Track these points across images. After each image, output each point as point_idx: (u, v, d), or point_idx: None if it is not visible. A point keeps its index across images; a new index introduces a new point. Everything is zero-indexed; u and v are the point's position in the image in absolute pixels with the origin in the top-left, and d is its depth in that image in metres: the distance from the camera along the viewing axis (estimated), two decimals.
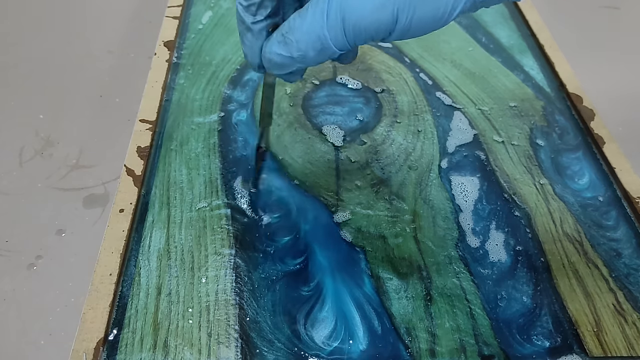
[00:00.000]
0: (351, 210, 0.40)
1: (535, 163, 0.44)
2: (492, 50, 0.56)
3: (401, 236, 0.38)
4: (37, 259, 0.44)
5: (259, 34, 0.28)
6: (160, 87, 0.49)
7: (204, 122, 0.46)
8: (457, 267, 0.37)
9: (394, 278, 0.36)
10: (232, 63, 0.53)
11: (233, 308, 0.34)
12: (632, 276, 0.37)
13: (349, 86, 0.51)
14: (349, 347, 0.32)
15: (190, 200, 0.40)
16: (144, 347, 0.32)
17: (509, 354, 0.33)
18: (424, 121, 0.48)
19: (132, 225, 0.38)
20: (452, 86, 0.51)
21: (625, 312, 0.35)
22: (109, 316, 0.33)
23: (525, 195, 0.42)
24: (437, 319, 0.34)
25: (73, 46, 0.66)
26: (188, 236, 0.38)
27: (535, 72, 0.53)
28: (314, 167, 0.43)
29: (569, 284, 0.36)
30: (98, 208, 0.48)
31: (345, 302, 0.34)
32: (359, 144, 0.45)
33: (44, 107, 0.57)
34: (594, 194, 0.42)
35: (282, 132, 0.46)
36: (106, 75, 0.61)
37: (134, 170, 0.41)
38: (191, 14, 0.59)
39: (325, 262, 0.37)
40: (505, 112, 0.49)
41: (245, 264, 0.36)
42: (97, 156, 0.52)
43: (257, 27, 0.28)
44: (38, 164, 0.51)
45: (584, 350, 0.33)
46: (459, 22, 0.60)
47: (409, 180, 0.42)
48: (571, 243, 0.39)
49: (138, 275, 0.36)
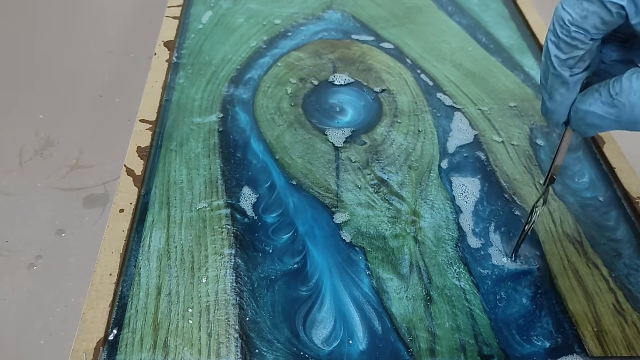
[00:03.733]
0: (351, 210, 0.40)
1: (535, 163, 0.44)
2: (492, 50, 0.56)
3: (401, 236, 0.38)
4: (37, 259, 0.44)
5: (574, 88, 0.27)
6: (160, 87, 0.49)
7: (204, 122, 0.46)
8: (457, 267, 0.37)
9: (394, 278, 0.36)
10: (232, 63, 0.53)
11: (233, 308, 0.34)
12: (632, 276, 0.37)
13: (349, 86, 0.51)
14: (348, 347, 0.32)
15: (190, 200, 0.40)
16: (144, 347, 0.32)
17: (509, 354, 0.33)
18: (424, 121, 0.48)
19: (132, 225, 0.38)
20: (452, 86, 0.51)
21: (625, 312, 0.35)
22: (109, 316, 0.33)
23: (525, 195, 0.42)
24: (437, 319, 0.34)
25: (73, 46, 0.66)
26: (188, 236, 0.38)
27: (535, 72, 0.53)
28: (314, 167, 0.43)
29: (569, 284, 0.36)
30: (98, 208, 0.48)
31: (344, 302, 0.34)
32: (359, 144, 0.45)
33: (44, 107, 0.57)
34: (594, 194, 0.42)
35: (282, 132, 0.46)
36: (106, 75, 0.61)
37: (134, 170, 0.41)
38: (191, 14, 0.59)
39: (325, 263, 0.37)
40: (505, 112, 0.49)
41: (245, 264, 0.36)
42: (97, 156, 0.52)
43: (574, 80, 0.26)
44: (38, 164, 0.51)
45: (584, 350, 0.33)
46: (459, 22, 0.60)
47: (409, 180, 0.42)
48: (571, 243, 0.39)
49: (138, 275, 0.36)
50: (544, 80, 0.27)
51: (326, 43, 0.56)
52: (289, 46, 0.55)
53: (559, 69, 0.26)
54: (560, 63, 0.26)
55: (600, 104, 0.25)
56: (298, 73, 0.52)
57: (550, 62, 0.26)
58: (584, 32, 0.25)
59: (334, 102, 0.49)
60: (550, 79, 0.27)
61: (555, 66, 0.26)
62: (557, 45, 0.26)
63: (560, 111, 0.28)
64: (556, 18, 0.25)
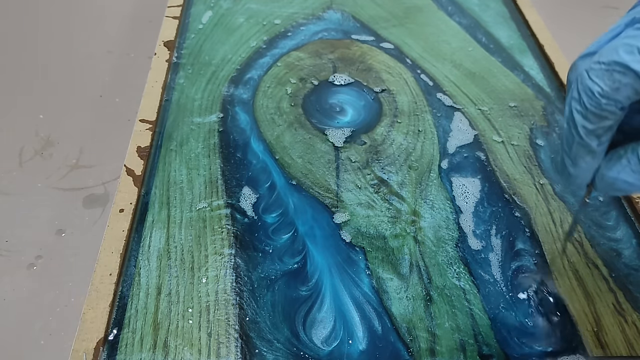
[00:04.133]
0: (351, 210, 0.40)
1: (535, 163, 0.44)
2: (492, 50, 0.56)
3: (401, 236, 0.38)
4: (37, 259, 0.44)
5: (601, 156, 0.26)
6: (160, 87, 0.49)
7: (204, 122, 0.46)
8: (457, 267, 0.37)
9: (394, 278, 0.36)
10: (232, 63, 0.53)
11: (233, 308, 0.34)
12: (632, 276, 0.37)
13: (349, 86, 0.51)
14: (348, 347, 0.32)
15: (190, 200, 0.40)
16: (144, 347, 0.32)
17: (509, 354, 0.33)
18: (424, 121, 0.48)
19: (132, 225, 0.38)
20: (452, 86, 0.51)
21: (625, 312, 0.35)
22: (109, 316, 0.33)
23: (525, 195, 0.42)
24: (437, 318, 0.34)
25: (73, 46, 0.66)
26: (188, 236, 0.38)
27: (535, 72, 0.53)
28: (314, 167, 0.43)
29: (569, 284, 0.36)
30: (98, 208, 0.48)
31: (344, 302, 0.34)
32: (359, 144, 0.45)
33: (44, 107, 0.57)
34: (594, 194, 0.42)
35: (282, 132, 0.46)
36: (106, 75, 0.61)
37: (134, 170, 0.41)
38: (191, 14, 0.59)
39: (325, 263, 0.37)
40: (505, 112, 0.49)
41: (245, 264, 0.36)
42: (97, 156, 0.52)
43: (601, 150, 0.25)
44: (38, 164, 0.51)
45: (584, 351, 0.33)
46: (459, 22, 0.60)
47: (409, 180, 0.42)
48: (571, 243, 0.39)
49: (138, 275, 0.36)
50: (567, 148, 0.26)
51: (326, 43, 0.56)
52: (289, 46, 0.55)
53: (586, 139, 0.25)
54: (588, 133, 0.25)
55: (630, 171, 0.24)
56: (298, 73, 0.52)
57: (576, 131, 0.25)
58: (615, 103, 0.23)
59: (334, 102, 0.49)
60: (575, 148, 0.26)
61: (582, 136, 0.25)
62: (584, 116, 0.24)
63: (585, 177, 0.27)
64: (583, 88, 0.24)
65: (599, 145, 0.25)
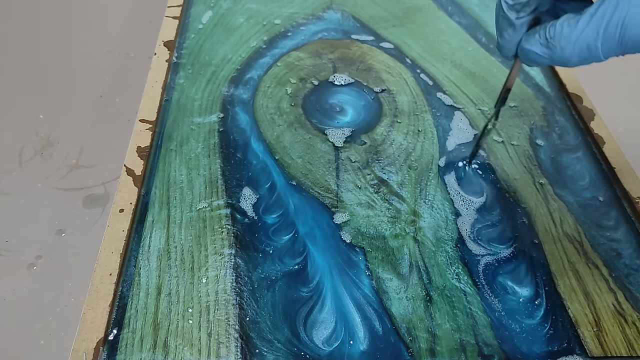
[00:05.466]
0: (351, 210, 0.40)
1: (535, 163, 0.44)
2: (492, 50, 0.56)
3: (401, 236, 0.38)
4: (37, 259, 0.44)
5: (520, 29, 0.30)
6: (160, 87, 0.49)
7: (204, 122, 0.46)
8: (456, 267, 0.37)
9: (394, 278, 0.36)
10: (232, 63, 0.53)
11: (233, 308, 0.34)
12: (632, 276, 0.37)
13: (349, 86, 0.51)
14: (349, 348, 0.32)
15: (190, 200, 0.40)
16: (144, 347, 0.32)
17: (509, 354, 0.33)
18: (424, 121, 0.48)
19: (132, 225, 0.38)
20: (452, 86, 0.51)
21: (625, 312, 0.35)
22: (109, 316, 0.33)
23: (525, 195, 0.42)
24: (437, 319, 0.34)
25: (73, 46, 0.66)
26: (188, 236, 0.38)
27: (535, 72, 0.53)
28: (314, 167, 0.43)
29: (569, 284, 0.36)
30: (98, 208, 0.48)
31: (345, 303, 0.34)
32: (359, 144, 0.45)
33: (44, 107, 0.57)
34: (594, 194, 0.42)
35: (282, 132, 0.46)
36: (106, 75, 0.62)
37: (134, 170, 0.41)
38: (191, 14, 0.59)
39: (326, 264, 0.37)
40: (505, 112, 0.49)
41: (245, 264, 0.36)
42: (97, 156, 0.52)
43: (520, 22, 0.30)
44: (38, 164, 0.51)
45: (584, 351, 0.33)
46: (459, 22, 0.60)
47: (409, 180, 0.42)
48: (571, 243, 0.39)
49: (138, 275, 0.36)
50: (496, 21, 0.31)
51: (326, 43, 0.56)
52: (289, 46, 0.55)
53: (507, 13, 0.30)
54: (508, 7, 0.30)
55: (539, 45, 0.29)
56: (298, 73, 0.52)
57: (500, 5, 0.30)
58: None
59: (334, 102, 0.49)
60: (500, 21, 0.31)
61: (504, 10, 0.30)
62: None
63: (509, 47, 0.32)
64: None
65: (517, 19, 0.30)
